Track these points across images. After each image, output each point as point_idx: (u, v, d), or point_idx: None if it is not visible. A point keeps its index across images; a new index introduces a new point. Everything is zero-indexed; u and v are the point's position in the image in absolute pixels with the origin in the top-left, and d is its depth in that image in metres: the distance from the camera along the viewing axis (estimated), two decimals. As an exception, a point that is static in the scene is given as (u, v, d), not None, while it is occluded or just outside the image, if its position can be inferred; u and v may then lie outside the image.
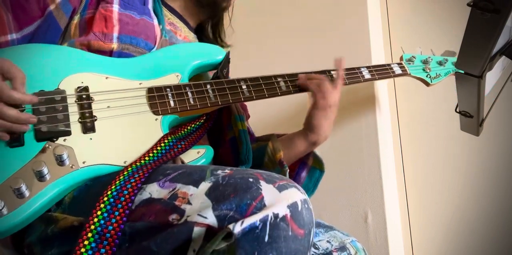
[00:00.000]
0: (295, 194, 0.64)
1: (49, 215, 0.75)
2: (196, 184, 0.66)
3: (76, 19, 0.95)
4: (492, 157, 1.42)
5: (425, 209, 1.45)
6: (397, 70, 1.18)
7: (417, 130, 1.52)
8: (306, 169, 1.07)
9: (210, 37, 1.19)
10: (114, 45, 0.91)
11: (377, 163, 1.36)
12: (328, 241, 0.92)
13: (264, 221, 0.59)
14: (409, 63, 1.21)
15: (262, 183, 0.64)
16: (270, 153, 1.03)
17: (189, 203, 0.64)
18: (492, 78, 0.82)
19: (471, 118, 0.88)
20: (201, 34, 1.18)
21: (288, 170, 0.99)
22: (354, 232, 1.27)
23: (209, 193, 0.64)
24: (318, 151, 1.07)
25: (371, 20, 1.51)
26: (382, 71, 1.15)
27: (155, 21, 1.00)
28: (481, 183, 1.42)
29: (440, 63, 1.25)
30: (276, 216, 0.60)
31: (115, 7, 0.95)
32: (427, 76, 1.22)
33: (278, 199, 0.62)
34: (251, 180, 0.64)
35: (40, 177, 0.72)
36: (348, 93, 1.41)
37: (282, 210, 0.61)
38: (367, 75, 1.12)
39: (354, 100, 1.43)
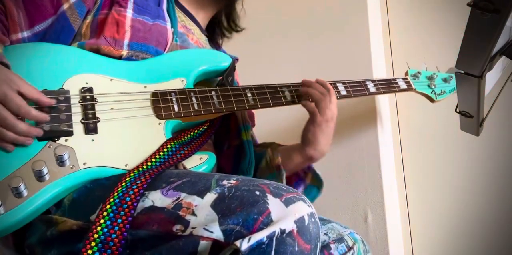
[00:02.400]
0: (302, 208, 0.65)
1: (49, 217, 0.75)
2: (201, 194, 0.66)
3: (89, 18, 0.95)
4: (492, 157, 1.44)
5: (425, 209, 1.47)
6: (402, 85, 1.20)
7: (417, 130, 1.54)
8: (303, 186, 1.08)
9: (224, 28, 1.21)
10: (124, 52, 0.91)
11: (377, 163, 1.37)
12: (325, 233, 0.93)
13: (271, 237, 0.59)
14: (415, 79, 1.23)
15: (269, 196, 0.64)
16: (268, 158, 1.04)
17: (193, 214, 0.64)
18: (492, 78, 0.82)
19: (471, 118, 0.89)
20: (214, 31, 1.20)
21: (285, 175, 1.01)
22: None
23: (214, 205, 0.64)
24: (319, 171, 1.08)
25: (371, 23, 1.53)
26: (387, 85, 1.17)
27: (168, 25, 1.01)
28: (481, 183, 1.43)
29: (445, 80, 1.27)
30: (283, 231, 0.60)
31: (129, 12, 0.95)
32: (432, 92, 1.24)
33: (285, 213, 0.62)
34: (257, 193, 0.64)
35: (40, 177, 0.72)
36: (345, 98, 1.44)
37: (289, 225, 0.61)
38: (372, 89, 1.14)
39: (353, 100, 1.39)
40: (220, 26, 1.21)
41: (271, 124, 1.47)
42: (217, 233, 0.61)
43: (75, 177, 0.76)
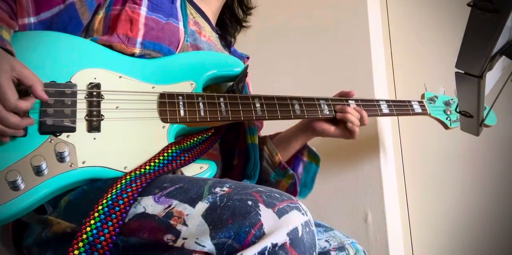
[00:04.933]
0: (296, 217, 0.66)
1: (45, 218, 0.77)
2: (193, 203, 0.67)
3: (101, 14, 0.97)
4: (492, 157, 1.48)
5: (425, 209, 1.51)
6: (417, 109, 1.21)
7: (417, 130, 1.58)
8: (302, 165, 1.14)
9: (237, 16, 1.25)
10: (137, 50, 0.93)
11: (377, 163, 1.42)
12: (326, 240, 0.95)
13: (262, 252, 0.61)
14: (431, 102, 1.25)
15: (262, 206, 0.65)
16: (267, 157, 1.09)
17: (185, 224, 0.66)
18: (492, 78, 0.83)
19: (471, 118, 0.91)
20: (225, 29, 1.23)
21: (292, 173, 1.07)
22: (354, 232, 1.36)
23: (206, 216, 0.65)
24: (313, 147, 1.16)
25: (372, 24, 1.58)
26: (401, 108, 1.18)
27: (181, 24, 1.03)
28: (480, 183, 1.48)
29: (461, 107, 1.28)
30: (274, 245, 0.62)
31: (143, 10, 0.96)
32: (447, 119, 1.25)
33: (278, 225, 0.63)
34: (250, 203, 0.65)
35: (38, 172, 0.75)
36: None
37: (281, 238, 0.62)
38: (385, 110, 1.15)
39: None
40: (234, 16, 1.25)
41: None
42: (209, 247, 0.63)
43: (73, 175, 0.78)
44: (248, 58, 1.26)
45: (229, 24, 1.24)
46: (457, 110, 0.94)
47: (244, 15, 1.25)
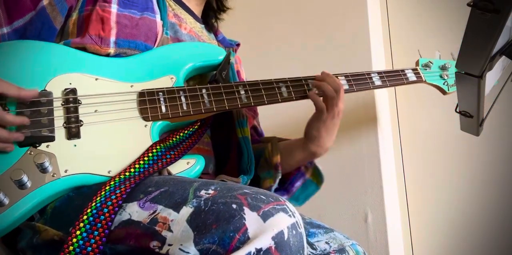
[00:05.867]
0: (282, 220, 0.64)
1: (33, 224, 0.77)
2: (177, 208, 0.67)
3: (74, 16, 0.95)
4: (492, 157, 1.48)
5: (425, 209, 1.52)
6: (411, 77, 1.16)
7: (417, 130, 1.58)
8: (302, 180, 1.10)
9: (214, 9, 1.20)
10: (111, 50, 0.91)
11: (377, 164, 1.41)
12: (327, 242, 0.93)
13: None
14: (425, 69, 1.19)
15: (246, 210, 0.64)
16: (267, 155, 1.06)
17: (169, 229, 0.65)
18: (492, 78, 0.83)
19: (471, 118, 0.91)
20: (208, 16, 1.19)
21: (280, 177, 1.03)
22: (354, 232, 1.36)
23: (190, 221, 0.64)
24: (320, 166, 1.10)
25: (371, 21, 1.56)
26: (394, 77, 1.14)
27: (158, 17, 0.99)
28: (480, 183, 1.48)
29: (460, 69, 1.23)
30: (259, 250, 0.60)
31: (114, 8, 0.94)
32: (444, 84, 1.20)
33: (263, 229, 0.62)
34: (234, 206, 0.64)
35: (20, 185, 0.74)
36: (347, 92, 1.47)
37: (266, 243, 0.61)
38: (378, 82, 1.11)
39: (353, 99, 1.46)
40: (211, 8, 1.20)
41: (278, 117, 1.49)
42: (193, 253, 0.62)
43: (56, 185, 0.77)
44: (238, 45, 1.22)
45: (211, 17, 1.20)
46: (457, 110, 0.93)
47: (218, 10, 1.20)
